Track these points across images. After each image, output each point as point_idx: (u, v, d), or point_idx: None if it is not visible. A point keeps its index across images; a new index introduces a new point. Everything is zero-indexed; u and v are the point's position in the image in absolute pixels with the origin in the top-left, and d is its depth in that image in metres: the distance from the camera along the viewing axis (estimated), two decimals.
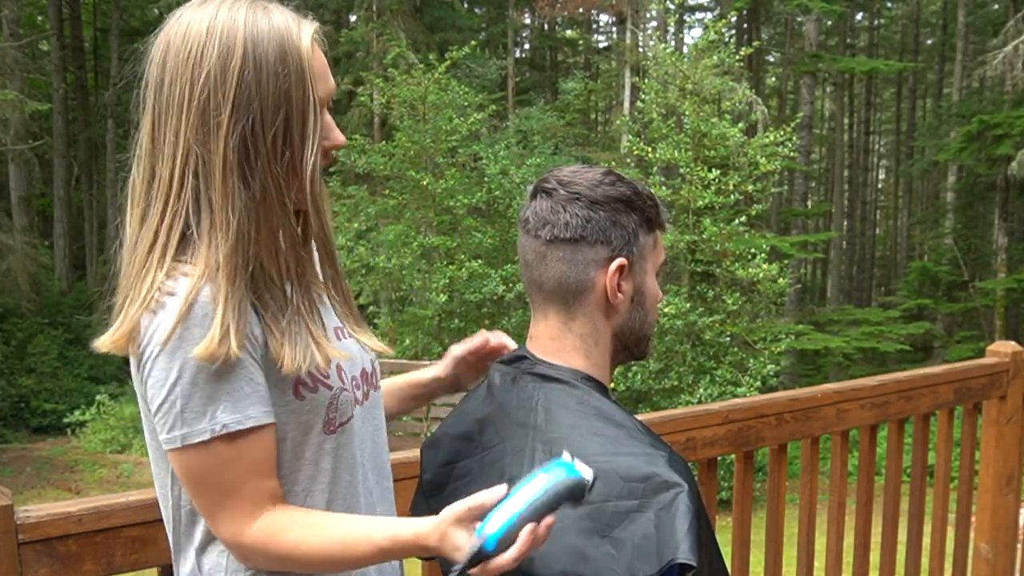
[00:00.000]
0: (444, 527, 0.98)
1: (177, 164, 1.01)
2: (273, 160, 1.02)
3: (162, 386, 0.99)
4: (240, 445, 1.02)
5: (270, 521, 1.04)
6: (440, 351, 11.19)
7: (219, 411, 1.00)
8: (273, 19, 1.03)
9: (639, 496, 1.02)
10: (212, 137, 1.00)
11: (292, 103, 1.02)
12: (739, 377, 10.33)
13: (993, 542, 2.62)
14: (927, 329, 15.77)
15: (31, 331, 15.51)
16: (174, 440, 1.01)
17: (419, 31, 17.32)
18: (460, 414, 1.26)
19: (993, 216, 17.30)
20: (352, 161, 12.46)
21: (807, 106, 17.60)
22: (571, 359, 1.18)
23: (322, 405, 1.08)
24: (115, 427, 12.50)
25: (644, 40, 19.03)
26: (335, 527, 1.05)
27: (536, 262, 1.17)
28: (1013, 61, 14.03)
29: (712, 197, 10.63)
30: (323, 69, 1.07)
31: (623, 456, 1.06)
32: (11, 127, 13.61)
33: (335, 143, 1.10)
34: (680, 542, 0.98)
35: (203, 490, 1.04)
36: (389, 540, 1.02)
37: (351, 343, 1.19)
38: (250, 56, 1.00)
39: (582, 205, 1.15)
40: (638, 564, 0.99)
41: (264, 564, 1.06)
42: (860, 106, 29.55)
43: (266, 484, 1.05)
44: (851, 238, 28.34)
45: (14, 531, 1.19)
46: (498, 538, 0.93)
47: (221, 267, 0.99)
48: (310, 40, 1.05)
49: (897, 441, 2.33)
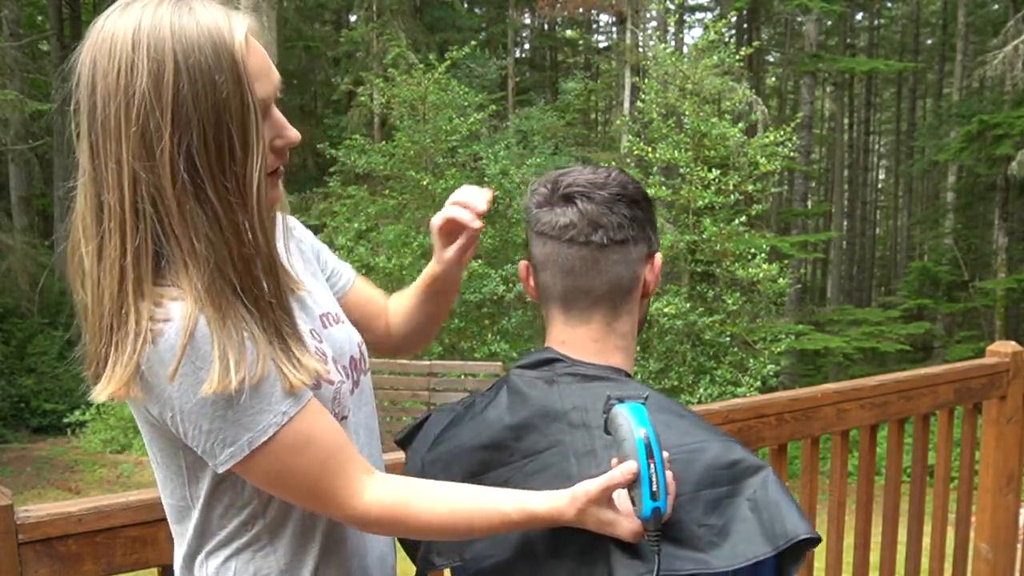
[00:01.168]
0: (582, 504, 0.98)
1: (126, 193, 0.94)
2: (220, 175, 0.95)
3: (202, 412, 0.95)
4: (304, 424, 1.00)
5: (388, 491, 1.04)
6: (440, 351, 11.22)
7: (273, 403, 0.98)
8: (201, 20, 0.95)
9: (729, 482, 1.03)
10: (157, 160, 0.93)
11: (232, 112, 0.95)
12: (739, 377, 10.33)
13: (993, 542, 2.62)
14: (927, 329, 15.76)
15: (31, 331, 15.50)
16: (241, 449, 0.97)
17: (419, 31, 17.32)
18: (479, 422, 1.19)
19: (993, 216, 17.29)
20: (352, 161, 12.46)
21: (807, 106, 17.60)
22: (612, 357, 1.18)
23: (327, 401, 1.07)
24: (115, 427, 12.49)
25: (644, 40, 19.02)
26: (463, 497, 1.05)
27: (584, 269, 1.14)
28: (1013, 61, 14.03)
29: (712, 197, 10.64)
30: (262, 65, 0.99)
31: (704, 445, 1.06)
32: (11, 127, 13.60)
33: (288, 140, 1.04)
34: (797, 520, 0.99)
35: (292, 484, 1.01)
36: (521, 514, 1.02)
37: (337, 331, 1.17)
38: (183, 68, 0.93)
39: (625, 204, 1.15)
40: (744, 547, 0.99)
41: (388, 533, 1.08)
42: (860, 106, 29.55)
43: (351, 451, 1.05)
44: (851, 238, 28.34)
45: (14, 531, 1.19)
46: (665, 494, 0.97)
47: (204, 298, 0.94)
48: (244, 37, 0.97)
49: (897, 441, 2.33)
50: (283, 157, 1.05)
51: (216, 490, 1.06)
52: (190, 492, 1.07)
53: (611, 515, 0.99)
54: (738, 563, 0.99)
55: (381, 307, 1.40)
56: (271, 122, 1.02)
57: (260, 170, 0.98)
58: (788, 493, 1.03)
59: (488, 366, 9.72)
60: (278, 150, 1.04)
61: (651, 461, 0.96)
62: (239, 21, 0.98)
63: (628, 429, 0.98)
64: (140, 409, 1.01)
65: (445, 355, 11.13)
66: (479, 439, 1.16)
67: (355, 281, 1.36)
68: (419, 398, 9.44)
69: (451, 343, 11.35)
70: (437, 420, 1.28)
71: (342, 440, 1.04)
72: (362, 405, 1.19)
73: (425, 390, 9.35)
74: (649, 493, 0.95)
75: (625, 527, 0.99)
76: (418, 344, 1.44)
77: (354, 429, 1.16)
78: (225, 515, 1.08)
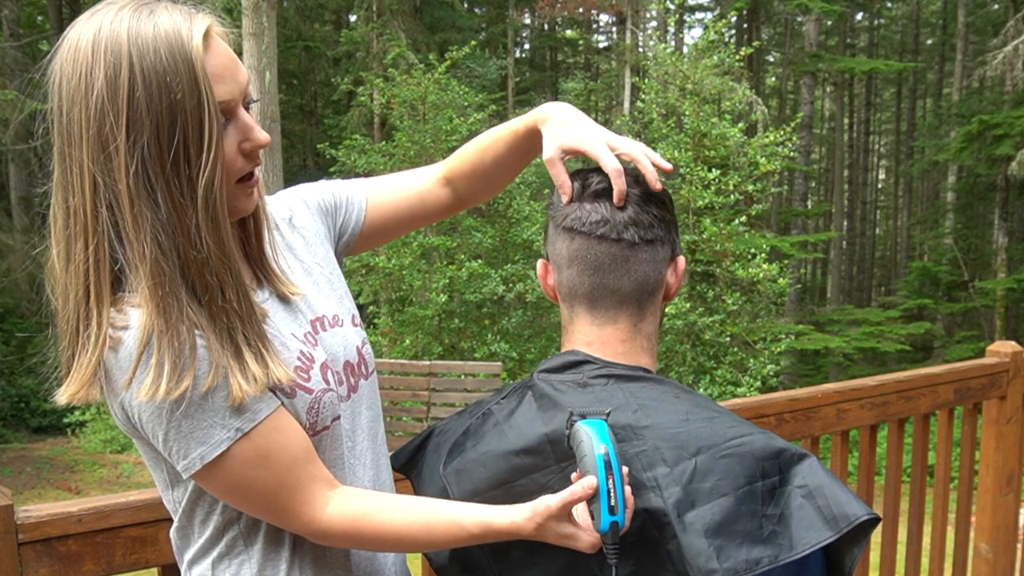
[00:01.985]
0: (541, 519, 0.99)
1: (87, 197, 0.95)
2: (174, 177, 0.95)
3: (158, 421, 0.96)
4: (262, 440, 1.00)
5: (349, 505, 1.05)
6: (440, 351, 11.23)
7: (226, 418, 0.98)
8: (159, 23, 0.95)
9: (777, 472, 1.03)
10: (112, 164, 0.94)
11: (187, 114, 0.94)
12: (739, 377, 10.33)
13: (993, 542, 2.62)
14: (927, 329, 15.75)
15: (31, 331, 15.51)
16: (192, 465, 0.98)
17: (419, 31, 17.32)
18: (507, 429, 1.15)
19: (993, 216, 17.30)
20: (352, 161, 12.47)
21: (807, 106, 17.60)
22: (640, 358, 1.17)
23: (301, 410, 1.05)
24: (115, 427, 12.49)
25: (644, 40, 19.03)
26: (421, 510, 1.06)
27: (614, 266, 1.13)
28: (1013, 61, 14.03)
29: (712, 197, 10.64)
30: (225, 67, 0.98)
31: (748, 437, 1.05)
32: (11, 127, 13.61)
33: (256, 143, 1.02)
34: (855, 503, 1.00)
35: (251, 497, 1.02)
36: (480, 527, 1.03)
37: (332, 335, 1.15)
38: (137, 71, 0.93)
39: (655, 204, 1.15)
40: (803, 534, 0.99)
41: (349, 546, 1.08)
42: (860, 106, 29.56)
43: (312, 468, 1.04)
44: (851, 238, 28.35)
45: (14, 531, 1.19)
46: (623, 508, 0.99)
47: (152, 303, 0.94)
48: (201, 39, 0.95)
49: (897, 441, 2.33)
50: (253, 160, 1.03)
51: (195, 494, 1.06)
52: (173, 496, 1.08)
53: (571, 529, 1.00)
54: (804, 550, 0.99)
55: (414, 192, 1.34)
56: (238, 124, 1.00)
57: (216, 173, 0.96)
58: (836, 477, 1.03)
59: (488, 366, 9.72)
60: (247, 153, 1.02)
61: (610, 476, 0.98)
62: (200, 22, 0.97)
63: (589, 445, 1.00)
64: (124, 420, 1.01)
65: (445, 355, 11.14)
66: (510, 445, 1.13)
67: (368, 201, 1.31)
68: (419, 398, 9.45)
69: (451, 343, 11.37)
70: (444, 434, 1.25)
71: (304, 454, 1.04)
72: (362, 409, 1.18)
73: (425, 390, 9.35)
74: (607, 507, 0.98)
75: (585, 540, 1.00)
76: (487, 197, 1.40)
77: (348, 434, 1.14)
78: (205, 521, 1.08)
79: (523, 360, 11.27)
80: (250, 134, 1.01)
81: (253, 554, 1.08)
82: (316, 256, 1.21)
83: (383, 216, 1.32)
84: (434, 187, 1.35)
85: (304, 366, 1.07)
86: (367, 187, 1.32)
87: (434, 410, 9.22)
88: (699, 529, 0.99)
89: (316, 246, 1.23)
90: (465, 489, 1.14)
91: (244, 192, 1.04)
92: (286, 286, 1.12)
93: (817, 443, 2.12)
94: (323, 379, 1.09)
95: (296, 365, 1.06)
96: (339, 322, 1.18)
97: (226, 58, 0.99)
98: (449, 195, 1.36)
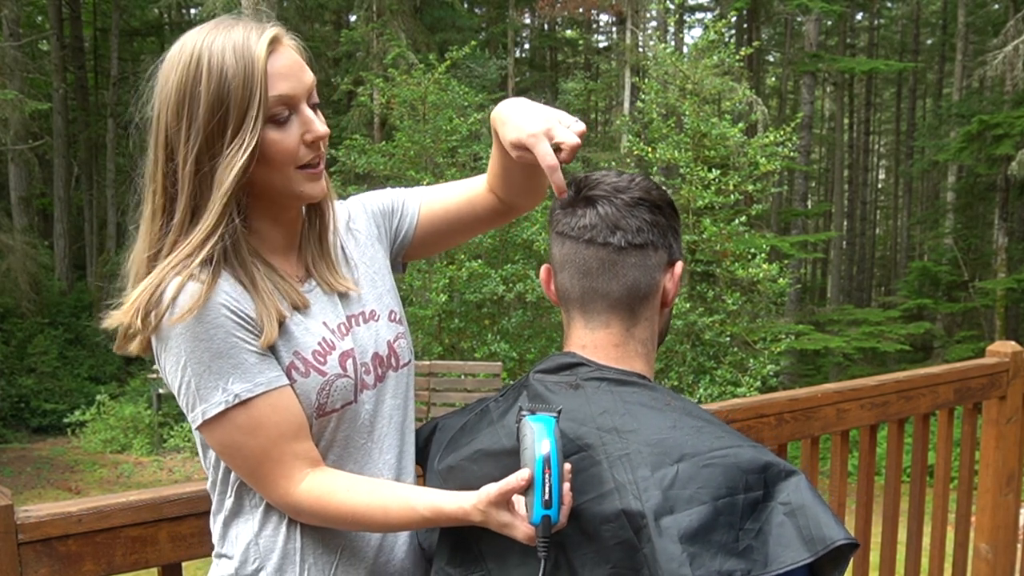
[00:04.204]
0: (483, 506, 1.06)
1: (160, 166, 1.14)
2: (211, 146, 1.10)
3: (175, 372, 1.10)
4: (257, 411, 1.11)
5: (318, 483, 1.14)
6: (440, 351, 11.22)
7: (230, 382, 1.10)
8: (232, 33, 1.12)
9: (762, 486, 1.03)
10: (181, 136, 1.11)
11: (234, 99, 1.09)
12: (739, 377, 10.32)
13: (993, 542, 2.62)
14: (927, 329, 15.75)
15: (31, 331, 15.51)
16: (196, 418, 1.11)
17: (419, 31, 17.31)
18: (500, 428, 1.16)
19: (993, 216, 17.30)
20: (352, 161, 12.46)
21: (807, 106, 17.59)
22: (633, 363, 1.18)
23: (312, 390, 1.15)
24: (115, 427, 12.49)
25: (644, 40, 19.03)
26: (380, 491, 1.15)
27: (602, 271, 1.15)
28: (1013, 61, 14.03)
29: (712, 197, 10.63)
30: (289, 68, 1.14)
31: (736, 449, 1.06)
32: (11, 127, 13.61)
33: (315, 135, 1.16)
34: (835, 526, 1.00)
35: (239, 460, 1.14)
36: (431, 511, 1.11)
37: (365, 329, 1.25)
38: (204, 65, 1.10)
39: (646, 209, 1.15)
40: (780, 552, 1.00)
41: (317, 522, 1.17)
42: (860, 106, 29.55)
43: (298, 446, 1.14)
44: (851, 238, 28.34)
45: (14, 531, 1.20)
46: (558, 504, 1.02)
47: (195, 254, 1.10)
48: (267, 44, 1.12)
49: (897, 441, 2.33)
50: (314, 150, 1.16)
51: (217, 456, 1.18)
52: (207, 456, 1.20)
53: (508, 518, 1.06)
54: (779, 568, 0.99)
55: (464, 196, 1.41)
56: (301, 117, 1.15)
57: (246, 153, 1.10)
58: (822, 498, 1.03)
59: (488, 366, 9.72)
60: (308, 143, 1.15)
61: (547, 471, 1.01)
62: (268, 32, 1.14)
63: (531, 440, 1.03)
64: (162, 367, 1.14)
65: (445, 355, 11.13)
66: (501, 445, 1.14)
67: (421, 205, 1.40)
68: (419, 398, 9.45)
69: (451, 343, 11.36)
70: (444, 430, 1.27)
71: (293, 432, 1.14)
72: (386, 398, 1.26)
73: (425, 390, 9.35)
74: (541, 501, 1.01)
75: (521, 530, 1.05)
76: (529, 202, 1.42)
77: (368, 419, 1.23)
78: (224, 480, 1.19)
79: (523, 360, 11.26)
80: (311, 126, 1.15)
81: (256, 514, 1.18)
82: (364, 255, 1.32)
83: (436, 219, 1.40)
84: (484, 191, 1.41)
85: (322, 351, 1.17)
86: (422, 192, 1.43)
87: (434, 410, 9.22)
88: (674, 535, 0.99)
89: (366, 247, 1.34)
90: (457, 487, 1.14)
91: (309, 178, 1.17)
92: (333, 281, 1.24)
93: (817, 443, 2.12)
94: (340, 366, 1.18)
95: (314, 349, 1.17)
96: (375, 317, 1.28)
97: (291, 60, 1.15)
98: (495, 200, 1.41)
